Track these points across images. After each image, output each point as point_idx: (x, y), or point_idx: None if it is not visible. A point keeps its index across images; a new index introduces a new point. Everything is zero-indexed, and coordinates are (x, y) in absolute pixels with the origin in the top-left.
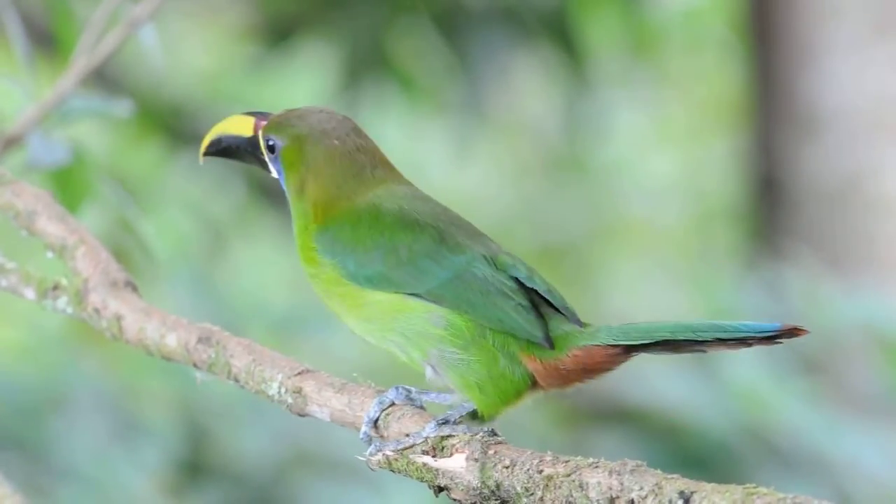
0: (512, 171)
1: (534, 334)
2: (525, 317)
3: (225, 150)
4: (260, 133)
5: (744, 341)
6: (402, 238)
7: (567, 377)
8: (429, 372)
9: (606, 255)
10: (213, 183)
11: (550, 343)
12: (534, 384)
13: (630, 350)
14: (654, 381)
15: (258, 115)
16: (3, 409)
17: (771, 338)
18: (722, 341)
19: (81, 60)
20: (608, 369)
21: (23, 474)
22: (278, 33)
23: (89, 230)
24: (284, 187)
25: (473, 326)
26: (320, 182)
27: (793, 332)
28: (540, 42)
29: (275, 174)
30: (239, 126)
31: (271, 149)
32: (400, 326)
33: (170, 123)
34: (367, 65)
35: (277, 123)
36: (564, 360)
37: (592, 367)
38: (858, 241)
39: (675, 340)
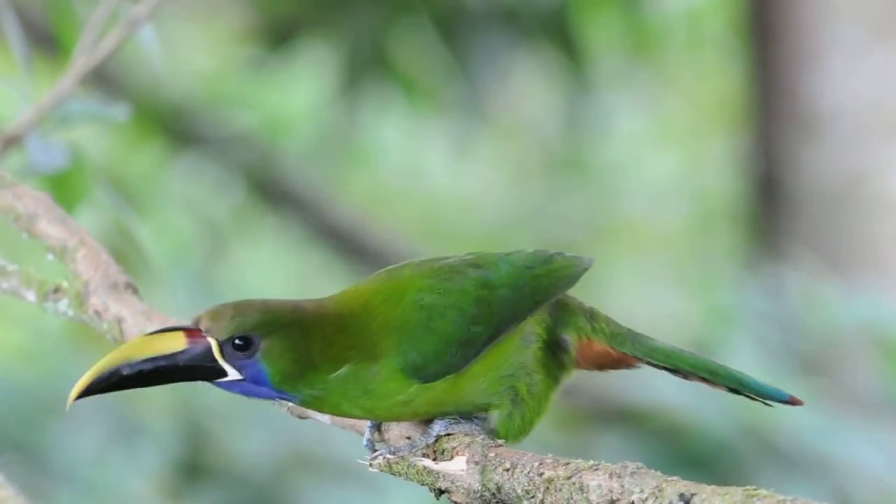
0: (512, 172)
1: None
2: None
3: (124, 379)
4: (213, 339)
5: (750, 396)
6: (471, 299)
7: (599, 362)
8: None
9: (607, 256)
10: (213, 184)
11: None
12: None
13: (644, 363)
14: (654, 381)
15: (168, 330)
16: (2, 412)
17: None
18: (732, 390)
19: (80, 61)
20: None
21: (22, 477)
22: (278, 35)
23: (89, 232)
24: (269, 381)
25: (544, 329)
26: (339, 339)
27: (793, 402)
28: (540, 43)
29: (234, 376)
30: (158, 346)
31: (242, 347)
32: (504, 370)
33: (169, 125)
34: (368, 66)
35: (237, 322)
36: (599, 347)
37: (616, 365)
38: (859, 242)
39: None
